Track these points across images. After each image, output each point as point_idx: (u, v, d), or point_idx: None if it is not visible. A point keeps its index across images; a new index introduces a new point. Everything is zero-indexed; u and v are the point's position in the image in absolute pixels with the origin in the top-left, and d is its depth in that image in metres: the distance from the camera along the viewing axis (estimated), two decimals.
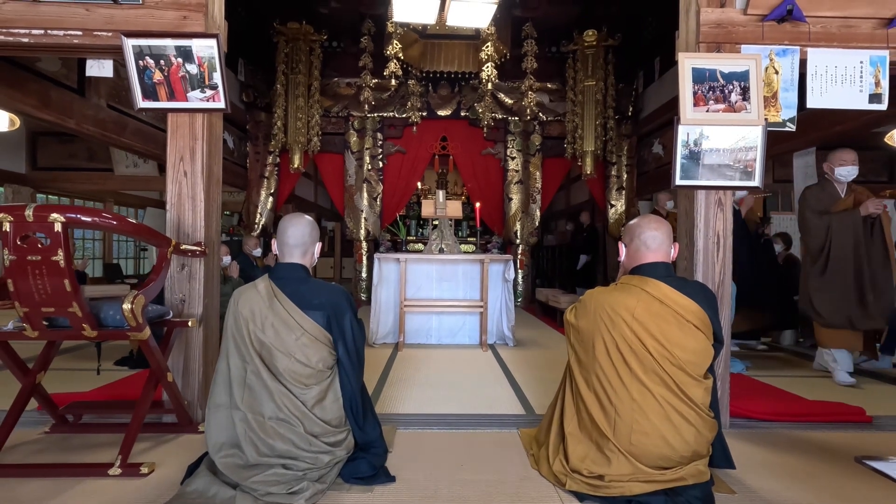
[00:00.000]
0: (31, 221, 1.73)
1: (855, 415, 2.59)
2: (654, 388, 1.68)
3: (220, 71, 2.41)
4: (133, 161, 7.34)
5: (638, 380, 1.69)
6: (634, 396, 1.69)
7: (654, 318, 1.71)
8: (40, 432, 2.30)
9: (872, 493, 1.81)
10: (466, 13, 4.28)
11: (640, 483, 1.67)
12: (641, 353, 1.69)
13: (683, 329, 1.70)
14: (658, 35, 6.35)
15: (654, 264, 1.80)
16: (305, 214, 2.04)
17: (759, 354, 4.31)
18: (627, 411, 1.69)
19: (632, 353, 1.70)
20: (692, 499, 1.63)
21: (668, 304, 1.71)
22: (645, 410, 1.68)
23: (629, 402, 1.69)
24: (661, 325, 1.70)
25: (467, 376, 3.45)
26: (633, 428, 1.68)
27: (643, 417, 1.68)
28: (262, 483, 1.67)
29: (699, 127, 2.41)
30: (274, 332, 1.80)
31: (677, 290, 1.73)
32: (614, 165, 7.40)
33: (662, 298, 1.72)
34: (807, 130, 4.56)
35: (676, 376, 1.67)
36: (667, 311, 1.71)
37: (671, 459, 1.67)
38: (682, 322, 1.70)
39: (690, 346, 1.69)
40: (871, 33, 2.46)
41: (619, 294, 1.78)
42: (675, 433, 1.66)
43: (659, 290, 1.73)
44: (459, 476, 1.90)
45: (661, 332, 1.69)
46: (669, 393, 1.68)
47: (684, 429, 1.66)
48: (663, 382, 1.68)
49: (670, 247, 1.84)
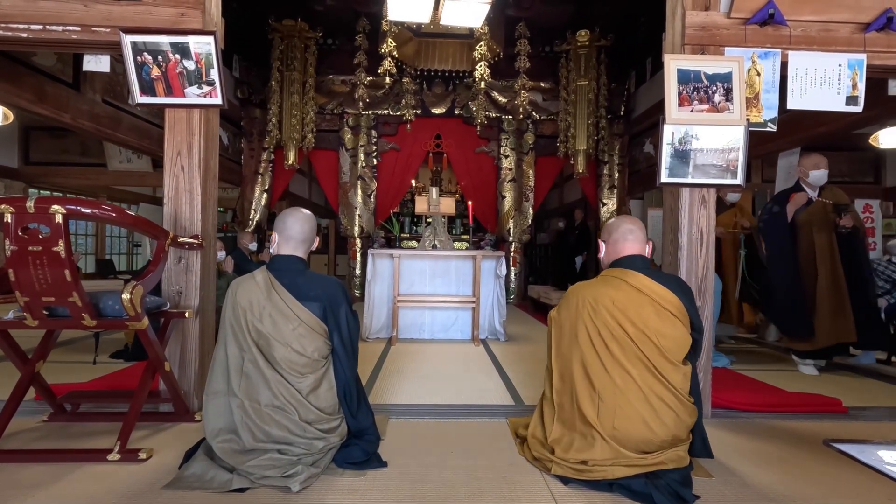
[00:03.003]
0: (32, 213, 1.78)
1: (831, 405, 2.68)
2: (636, 372, 1.76)
3: (218, 67, 2.45)
4: (127, 156, 7.33)
5: (620, 365, 1.77)
6: (617, 382, 1.77)
7: (634, 305, 1.79)
8: (39, 421, 2.34)
9: (839, 474, 1.90)
10: (460, 12, 4.34)
11: (623, 467, 1.74)
12: (622, 339, 1.77)
13: (661, 316, 1.79)
14: (650, 36, 6.43)
15: (631, 257, 1.90)
16: (304, 209, 2.09)
17: (744, 350, 4.42)
18: (610, 396, 1.77)
19: (613, 339, 1.78)
20: (671, 482, 1.71)
21: (646, 292, 1.80)
22: (627, 395, 1.75)
23: (612, 388, 1.77)
24: (641, 312, 1.78)
25: (459, 369, 3.52)
26: (615, 413, 1.76)
27: (626, 402, 1.75)
28: (257, 467, 1.73)
29: (684, 126, 2.49)
30: (271, 321, 1.85)
31: (655, 280, 1.82)
32: (606, 164, 7.50)
33: (641, 287, 1.81)
34: (792, 131, 4.67)
35: (656, 361, 1.76)
36: (645, 300, 1.80)
37: (652, 443, 1.75)
38: (660, 310, 1.79)
39: (668, 332, 1.78)
40: (850, 37, 2.55)
41: (601, 285, 1.88)
42: (655, 417, 1.74)
43: (637, 280, 1.83)
44: (450, 462, 1.97)
45: (641, 319, 1.77)
46: (650, 377, 1.76)
47: (664, 412, 1.74)
48: (644, 367, 1.76)
49: (645, 242, 1.95)
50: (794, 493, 1.76)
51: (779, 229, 3.54)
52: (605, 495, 1.71)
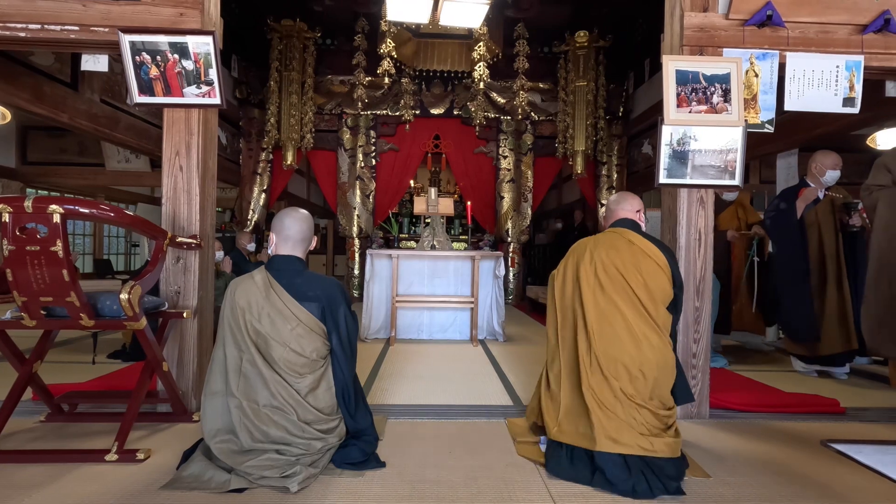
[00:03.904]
0: (30, 212, 1.78)
1: (829, 406, 2.69)
2: (623, 305, 1.97)
3: (216, 67, 2.45)
4: (125, 156, 7.31)
5: (609, 298, 1.99)
6: (605, 311, 1.98)
7: (626, 252, 2.06)
8: (36, 421, 2.34)
9: (837, 474, 1.90)
10: (459, 13, 4.34)
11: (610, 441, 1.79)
12: (614, 276, 2.02)
13: (647, 264, 2.03)
14: (648, 37, 6.45)
15: (624, 219, 2.19)
16: (302, 209, 2.09)
17: (742, 350, 4.43)
18: (596, 322, 1.98)
19: (606, 275, 2.03)
20: (665, 478, 1.73)
21: (636, 244, 2.07)
22: (613, 324, 1.96)
23: (599, 316, 1.98)
24: (631, 258, 2.04)
25: (457, 370, 3.52)
26: (602, 335, 1.95)
27: (610, 329, 1.95)
28: (256, 467, 1.73)
29: (683, 127, 2.50)
30: (270, 321, 1.85)
31: (644, 237, 2.10)
32: (605, 165, 7.50)
33: (633, 240, 2.08)
34: (790, 132, 4.69)
35: (642, 297, 1.98)
36: (636, 249, 2.06)
37: (638, 380, 1.88)
38: (647, 259, 2.04)
39: (653, 277, 2.01)
40: (847, 39, 2.56)
41: (600, 236, 2.18)
42: (637, 346, 1.92)
43: (629, 235, 2.11)
44: (448, 462, 1.97)
45: (632, 263, 2.03)
46: (634, 311, 1.97)
47: (646, 344, 1.92)
48: (630, 302, 1.98)
49: (637, 212, 2.22)
50: (791, 493, 1.76)
51: (786, 227, 3.42)
52: (602, 495, 1.72)
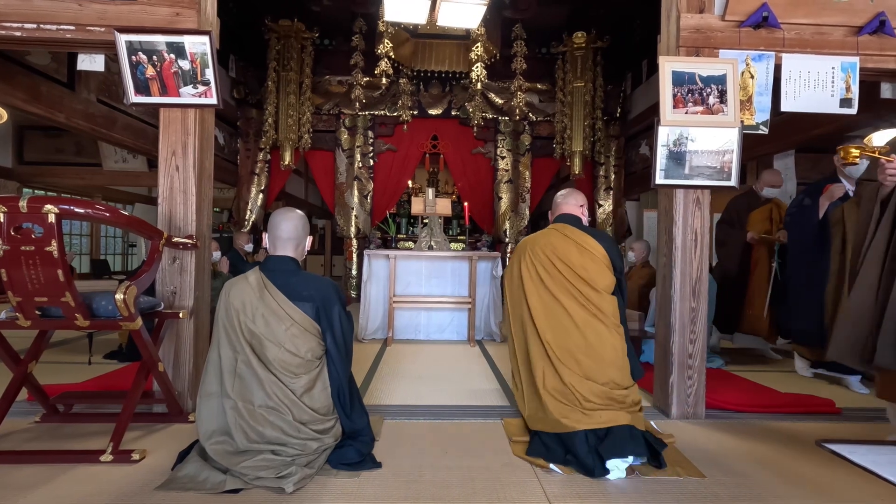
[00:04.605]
0: (25, 212, 1.77)
1: (825, 406, 2.70)
2: (566, 301, 2.14)
3: (213, 67, 2.45)
4: (122, 156, 7.29)
5: (552, 295, 2.17)
6: (550, 307, 2.15)
7: (562, 246, 2.23)
8: (31, 422, 2.33)
9: (832, 475, 1.91)
10: (457, 14, 4.34)
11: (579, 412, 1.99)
12: (553, 273, 2.20)
13: (583, 255, 2.20)
14: (646, 38, 6.45)
15: (564, 215, 2.36)
16: (296, 209, 2.09)
17: (741, 351, 4.43)
18: (544, 318, 2.15)
19: (546, 273, 2.21)
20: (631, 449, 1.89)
21: (571, 237, 2.24)
22: (560, 318, 2.13)
23: (545, 313, 2.15)
24: (567, 251, 2.21)
25: (454, 370, 3.52)
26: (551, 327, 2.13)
27: (558, 322, 2.13)
28: (251, 468, 1.73)
29: (679, 128, 2.50)
30: (264, 322, 1.85)
31: (579, 230, 2.27)
32: (602, 166, 7.51)
33: (568, 234, 2.26)
34: (786, 133, 4.70)
35: (582, 289, 2.15)
36: (570, 243, 2.23)
37: (584, 364, 2.05)
38: (583, 250, 2.20)
39: (589, 266, 2.18)
40: (843, 40, 2.56)
41: (539, 234, 2.37)
42: (581, 337, 2.08)
43: (566, 229, 2.29)
44: (444, 462, 1.97)
45: (567, 257, 2.20)
46: (577, 305, 2.14)
47: (591, 334, 2.08)
48: (571, 294, 2.15)
49: (579, 207, 2.39)
50: (786, 493, 1.77)
51: (806, 225, 3.22)
52: (598, 494, 1.72)
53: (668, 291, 2.59)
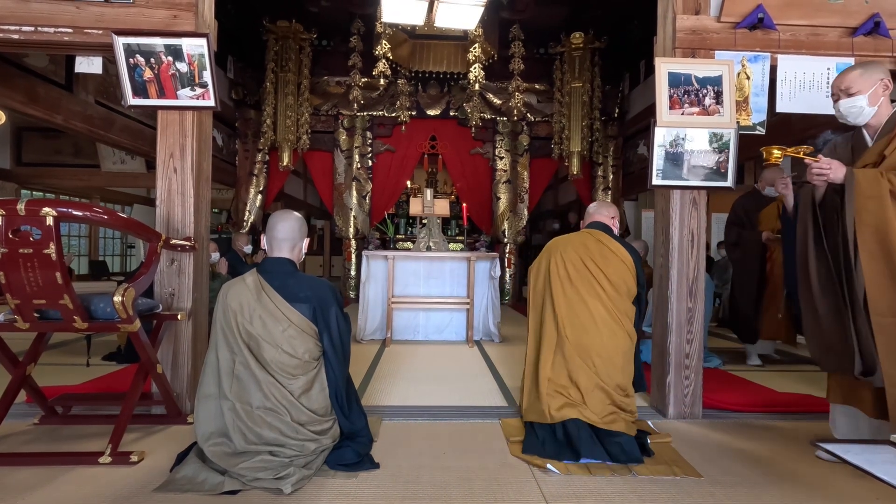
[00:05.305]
0: (23, 215, 1.77)
1: (821, 405, 2.70)
2: (588, 297, 2.21)
3: (210, 69, 2.45)
4: (120, 157, 7.30)
5: (577, 290, 2.23)
6: (573, 304, 2.21)
7: (594, 248, 2.31)
8: (29, 423, 2.33)
9: (827, 474, 1.92)
10: (454, 15, 4.36)
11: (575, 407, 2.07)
12: (583, 272, 2.27)
13: (613, 259, 2.29)
14: (643, 39, 6.43)
15: (597, 222, 2.46)
16: (294, 211, 2.10)
17: (736, 350, 4.44)
18: (566, 314, 2.21)
19: (576, 270, 2.27)
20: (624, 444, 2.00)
21: (604, 243, 2.33)
22: (580, 315, 2.19)
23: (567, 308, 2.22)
24: (597, 254, 2.30)
25: (453, 371, 3.53)
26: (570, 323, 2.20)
27: (577, 319, 2.19)
28: (249, 469, 1.73)
29: (675, 129, 2.51)
30: (262, 323, 1.86)
31: (612, 238, 2.35)
32: (600, 166, 7.53)
33: (600, 239, 2.34)
34: (782, 134, 4.70)
35: (608, 290, 2.22)
36: (603, 248, 2.31)
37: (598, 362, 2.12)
38: (613, 255, 2.29)
39: (618, 273, 2.26)
40: (838, 41, 2.58)
41: (573, 235, 2.44)
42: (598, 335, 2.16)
43: (600, 235, 2.37)
44: (442, 463, 1.98)
45: (600, 260, 2.28)
46: (599, 304, 2.20)
47: (606, 334, 2.16)
48: (596, 294, 2.22)
49: (612, 218, 2.48)
50: (781, 492, 1.78)
51: (787, 224, 3.22)
52: (595, 494, 1.73)
53: (665, 291, 2.60)
